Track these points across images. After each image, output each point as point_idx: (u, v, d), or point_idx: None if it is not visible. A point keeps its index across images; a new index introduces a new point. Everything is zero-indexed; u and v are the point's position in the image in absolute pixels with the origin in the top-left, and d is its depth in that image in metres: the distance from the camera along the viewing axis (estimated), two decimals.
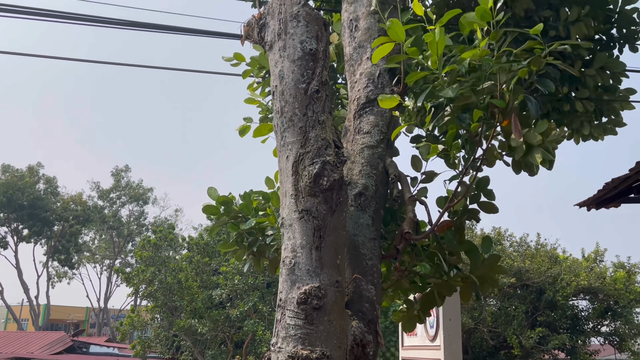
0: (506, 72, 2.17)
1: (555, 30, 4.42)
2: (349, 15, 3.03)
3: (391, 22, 2.17)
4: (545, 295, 14.98)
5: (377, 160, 2.68)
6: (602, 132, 4.66)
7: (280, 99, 2.31)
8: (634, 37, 4.88)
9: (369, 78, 2.83)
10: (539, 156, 2.25)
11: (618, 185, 4.37)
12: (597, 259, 16.58)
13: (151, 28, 5.52)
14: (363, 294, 2.40)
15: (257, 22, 2.51)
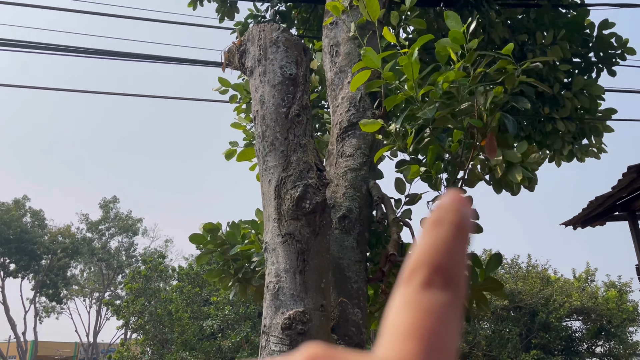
0: (482, 93, 2.21)
1: (532, 53, 4.54)
2: (329, 41, 3.08)
3: (365, 50, 2.21)
4: (538, 317, 14.92)
5: (361, 183, 2.69)
6: (584, 153, 4.73)
7: (261, 123, 2.32)
8: (611, 61, 5.01)
9: (350, 102, 2.86)
10: (519, 174, 2.28)
11: (602, 203, 4.41)
12: (588, 278, 16.60)
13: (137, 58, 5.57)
14: (349, 318, 2.37)
15: (237, 49, 2.55)
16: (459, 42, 2.14)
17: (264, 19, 4.59)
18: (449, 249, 0.22)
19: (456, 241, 0.22)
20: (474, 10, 4.66)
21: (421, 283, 0.21)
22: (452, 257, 0.22)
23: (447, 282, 0.21)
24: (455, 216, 0.23)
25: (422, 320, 0.20)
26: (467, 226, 0.23)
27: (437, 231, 0.22)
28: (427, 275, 0.21)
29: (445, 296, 0.21)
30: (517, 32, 4.78)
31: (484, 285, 2.47)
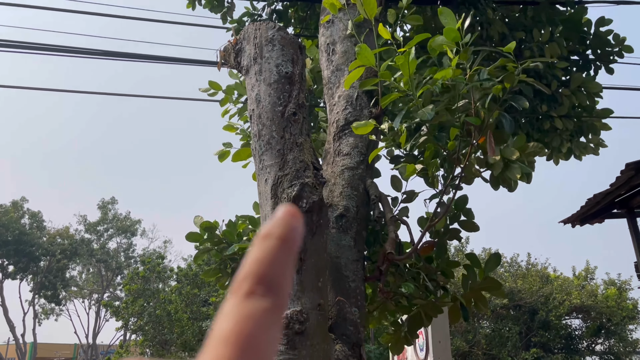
0: (479, 90, 2.20)
1: (530, 50, 4.53)
2: (325, 40, 3.07)
3: (360, 47, 2.20)
4: (538, 316, 14.92)
5: (358, 182, 2.68)
6: (583, 151, 4.72)
7: (257, 122, 2.31)
8: (609, 59, 5.00)
9: (347, 100, 2.85)
10: (518, 172, 2.27)
11: (600, 201, 4.40)
12: (588, 276, 16.61)
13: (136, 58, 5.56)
14: (347, 317, 2.36)
15: (233, 48, 2.53)
16: (453, 39, 2.13)
17: (260, 18, 4.58)
18: (272, 260, 0.23)
19: (281, 253, 0.24)
20: (471, 7, 4.66)
21: (244, 293, 0.22)
22: (275, 268, 0.23)
23: (268, 291, 0.22)
24: (282, 230, 0.24)
25: (239, 327, 0.21)
26: (292, 239, 0.24)
27: (264, 244, 0.24)
28: (250, 286, 0.22)
29: (265, 304, 0.22)
30: (515, 30, 4.77)
31: (482, 285, 2.46)
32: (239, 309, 0.22)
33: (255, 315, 0.21)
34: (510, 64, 2.13)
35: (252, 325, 0.21)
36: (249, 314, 0.21)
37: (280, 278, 0.23)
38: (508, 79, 2.13)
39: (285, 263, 0.24)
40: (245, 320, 0.21)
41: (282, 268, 0.23)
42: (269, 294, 0.22)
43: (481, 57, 2.18)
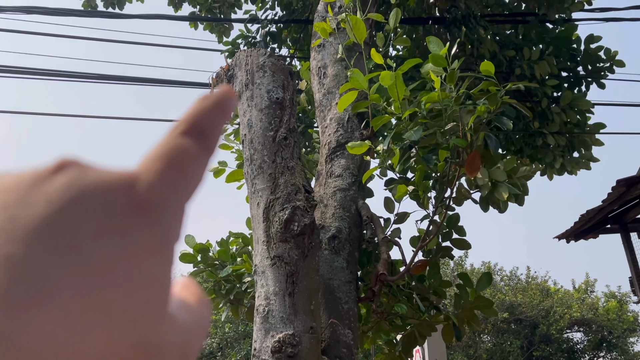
0: (467, 113, 2.24)
1: (520, 68, 4.60)
2: (317, 63, 3.12)
3: (352, 71, 2.25)
4: (539, 329, 14.84)
5: (350, 203, 2.71)
6: (575, 166, 4.77)
7: (249, 147, 2.35)
8: (600, 74, 5.08)
9: (338, 123, 2.89)
10: (505, 193, 2.30)
11: (594, 217, 4.43)
12: (588, 289, 16.55)
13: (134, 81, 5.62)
14: (340, 339, 2.38)
15: (225, 74, 2.58)
16: (441, 64, 2.18)
17: (255, 40, 4.64)
18: (207, 114, 0.26)
19: (214, 111, 0.26)
20: (462, 26, 4.73)
21: (179, 132, 0.24)
22: (208, 120, 0.25)
23: (199, 135, 0.25)
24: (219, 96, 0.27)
25: (170, 151, 0.23)
26: (227, 105, 0.27)
27: (201, 103, 0.26)
28: (184, 128, 0.25)
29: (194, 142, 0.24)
30: (505, 48, 4.84)
31: (474, 304, 2.48)
32: (172, 140, 0.24)
33: (184, 146, 0.23)
34: (492, 87, 2.18)
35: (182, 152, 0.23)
36: (180, 145, 0.23)
37: (212, 128, 0.25)
38: (491, 100, 2.18)
39: (218, 119, 0.26)
40: (176, 147, 0.23)
41: (214, 122, 0.26)
42: (199, 137, 0.24)
43: (468, 81, 2.22)
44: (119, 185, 0.20)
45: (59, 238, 0.18)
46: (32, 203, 0.18)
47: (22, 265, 0.17)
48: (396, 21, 2.73)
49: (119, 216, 0.20)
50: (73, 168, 0.20)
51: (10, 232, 0.17)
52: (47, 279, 0.17)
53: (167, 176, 0.22)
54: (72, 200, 0.19)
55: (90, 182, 0.20)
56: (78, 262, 0.18)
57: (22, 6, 3.90)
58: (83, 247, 0.18)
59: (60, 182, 0.19)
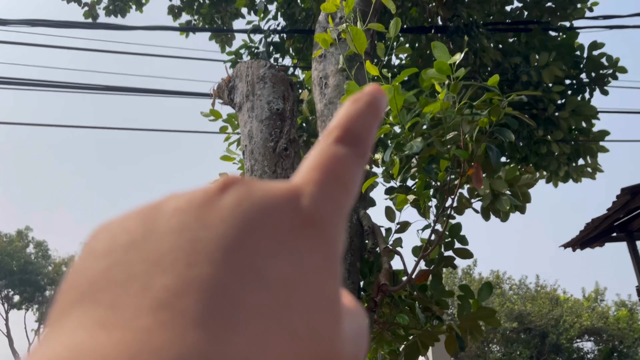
0: (469, 123, 2.24)
1: (527, 75, 4.59)
2: (318, 74, 3.14)
3: (348, 84, 2.25)
4: (549, 339, 14.68)
5: (351, 213, 2.71)
6: (580, 174, 4.74)
7: (250, 157, 2.36)
8: (603, 81, 5.06)
9: None
10: (507, 204, 2.29)
11: (599, 225, 4.39)
12: (598, 298, 16.37)
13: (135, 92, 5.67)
14: None
15: (226, 85, 2.60)
16: (444, 72, 2.17)
17: (257, 50, 4.68)
18: (360, 118, 0.25)
19: (368, 114, 0.26)
20: (465, 35, 4.74)
21: (333, 139, 0.24)
22: (362, 124, 0.25)
23: (354, 142, 0.24)
24: (369, 97, 0.27)
25: (328, 160, 0.23)
26: (379, 105, 0.27)
27: (352, 106, 0.26)
28: (339, 134, 0.24)
29: (351, 150, 0.24)
30: (509, 56, 4.84)
31: (476, 315, 2.46)
32: (327, 149, 0.23)
33: (341, 155, 0.23)
34: (495, 98, 2.18)
35: (339, 161, 0.23)
36: (336, 153, 0.23)
37: (365, 132, 0.25)
38: (493, 112, 2.18)
39: (371, 122, 0.25)
40: (332, 157, 0.23)
41: (367, 125, 0.25)
42: (354, 143, 0.24)
43: (471, 90, 2.22)
44: (285, 201, 0.20)
45: (239, 258, 0.18)
46: (207, 224, 0.19)
47: (210, 287, 0.17)
48: (396, 30, 2.74)
49: (290, 232, 0.20)
50: (238, 186, 0.21)
51: (193, 255, 0.18)
52: (235, 300, 0.17)
53: (329, 188, 0.22)
54: (244, 219, 0.19)
55: (257, 199, 0.20)
56: (260, 282, 0.18)
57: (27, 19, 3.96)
58: (261, 266, 0.18)
59: (229, 201, 0.20)
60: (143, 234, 0.19)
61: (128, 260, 0.18)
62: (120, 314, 0.16)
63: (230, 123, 3.56)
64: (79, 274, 0.18)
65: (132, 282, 0.17)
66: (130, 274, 0.17)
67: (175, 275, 0.17)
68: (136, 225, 0.19)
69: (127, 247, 0.18)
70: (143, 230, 0.19)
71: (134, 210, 0.20)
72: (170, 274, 0.17)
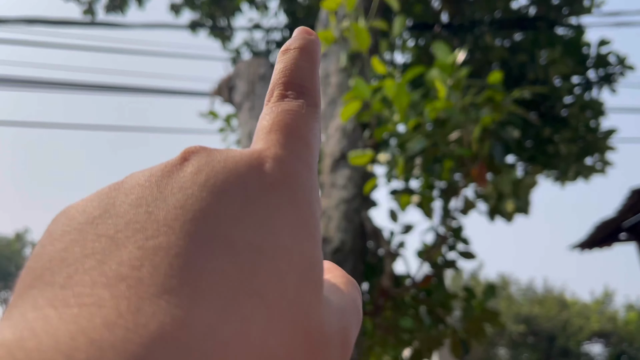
0: (471, 122, 2.18)
1: (534, 72, 4.52)
2: (320, 72, 3.09)
3: (355, 80, 2.21)
4: (557, 342, 14.54)
5: (354, 215, 2.65)
6: (588, 173, 4.66)
7: None
8: (611, 79, 4.98)
9: (342, 133, 2.85)
10: (511, 205, 2.23)
11: (607, 226, 4.32)
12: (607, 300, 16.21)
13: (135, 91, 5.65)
14: None
15: (226, 85, 2.56)
16: (446, 71, 2.12)
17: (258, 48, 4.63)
18: (296, 67, 0.24)
19: (303, 60, 0.24)
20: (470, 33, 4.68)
21: (277, 98, 0.23)
22: (300, 73, 0.24)
23: (299, 93, 0.23)
24: (299, 42, 0.25)
25: (281, 118, 0.22)
26: (311, 48, 0.25)
27: (285, 57, 0.25)
28: (281, 92, 0.23)
29: (300, 102, 0.23)
30: (515, 53, 4.78)
31: (480, 317, 2.40)
32: (275, 108, 0.22)
33: (293, 110, 0.22)
34: (498, 96, 2.12)
35: (292, 117, 0.22)
36: (287, 109, 0.22)
37: (307, 81, 0.24)
38: (496, 110, 2.12)
39: (309, 68, 0.24)
40: (284, 114, 0.22)
41: (307, 72, 0.24)
42: (300, 95, 0.23)
43: (474, 89, 2.17)
44: (247, 165, 0.19)
45: (201, 225, 0.17)
46: (167, 194, 0.18)
47: (170, 256, 0.16)
48: (401, 28, 2.69)
49: (256, 196, 0.19)
50: (198, 154, 0.20)
51: (151, 226, 0.17)
52: (198, 267, 0.16)
53: (289, 146, 0.21)
54: (205, 186, 0.18)
55: (218, 166, 0.19)
56: (225, 248, 0.17)
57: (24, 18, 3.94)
58: (226, 232, 0.17)
59: (189, 170, 0.19)
60: (101, 212, 0.18)
61: (84, 239, 0.17)
62: (73, 291, 0.15)
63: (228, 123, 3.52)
64: (36, 257, 0.17)
65: (88, 259, 0.16)
66: (85, 252, 0.16)
67: (133, 247, 0.16)
68: (94, 205, 0.18)
69: (83, 226, 0.17)
70: (101, 208, 0.18)
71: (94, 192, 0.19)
72: (127, 247, 0.16)
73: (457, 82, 2.17)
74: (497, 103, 2.03)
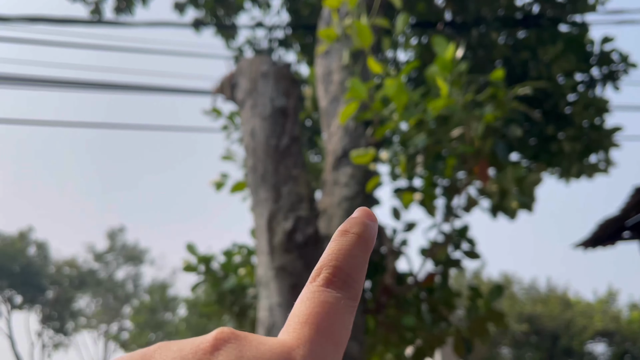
0: (474, 119, 2.17)
1: (536, 69, 4.50)
2: (323, 70, 3.08)
3: (351, 81, 2.20)
4: (560, 342, 14.50)
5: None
6: (592, 171, 4.64)
7: (252, 156, 2.31)
8: (614, 76, 4.96)
9: (344, 131, 2.84)
10: (515, 202, 2.22)
11: (611, 225, 4.30)
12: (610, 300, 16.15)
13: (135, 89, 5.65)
14: (346, 351, 2.31)
15: (229, 82, 2.55)
16: (447, 68, 2.11)
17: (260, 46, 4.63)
18: (349, 255, 0.25)
19: (357, 249, 0.25)
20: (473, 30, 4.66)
21: (322, 282, 0.24)
22: (351, 262, 0.25)
23: (344, 283, 0.24)
24: (359, 228, 0.26)
25: (318, 311, 0.23)
26: (369, 237, 0.26)
27: (342, 239, 0.26)
28: (328, 276, 0.24)
29: (341, 294, 0.24)
30: (518, 50, 4.76)
31: (485, 317, 2.39)
32: (317, 295, 0.23)
33: (331, 303, 0.23)
34: (500, 92, 2.11)
35: (329, 311, 0.23)
36: (326, 301, 0.23)
37: (356, 272, 0.25)
38: (499, 106, 2.11)
39: (361, 258, 0.25)
40: (322, 306, 0.23)
41: (357, 262, 0.25)
42: (345, 285, 0.24)
43: (476, 86, 2.16)
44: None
45: None
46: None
47: None
48: (404, 26, 2.68)
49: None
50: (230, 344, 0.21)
51: None
52: None
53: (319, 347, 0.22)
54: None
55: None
56: None
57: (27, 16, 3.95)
58: None
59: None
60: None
61: None
62: None
63: (232, 120, 3.52)
64: None
65: None
66: None
67: None
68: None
69: None
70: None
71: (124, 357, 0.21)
72: None
73: (457, 78, 2.16)
74: (500, 100, 2.02)
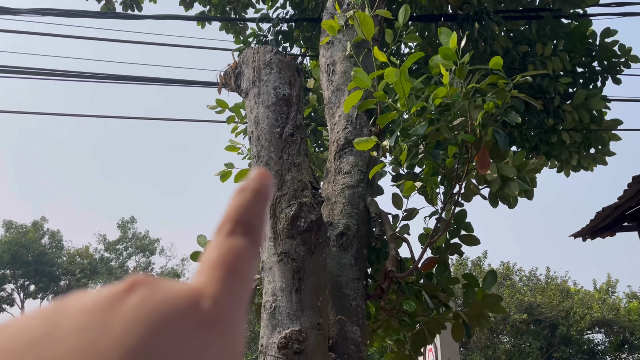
0: (475, 107, 2.22)
1: (533, 64, 4.53)
2: (326, 60, 3.12)
3: (356, 70, 2.24)
4: (559, 330, 14.62)
5: (358, 200, 2.70)
6: (591, 162, 4.69)
7: (256, 144, 2.36)
8: (615, 69, 4.98)
9: (347, 120, 2.89)
10: (516, 188, 2.27)
11: (610, 214, 4.34)
12: (609, 290, 16.25)
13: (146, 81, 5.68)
14: (348, 336, 2.37)
15: (233, 71, 2.59)
16: (450, 58, 2.15)
17: (266, 38, 4.66)
18: (248, 208, 0.27)
19: (255, 202, 0.28)
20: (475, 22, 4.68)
21: (226, 232, 0.26)
22: (251, 214, 0.27)
23: (246, 232, 0.26)
24: (255, 184, 0.29)
25: (225, 256, 0.25)
26: (265, 191, 0.29)
27: (241, 195, 0.28)
28: (231, 227, 0.26)
29: (244, 241, 0.26)
30: (519, 44, 4.78)
31: (483, 302, 2.45)
32: (223, 243, 0.25)
33: (236, 249, 0.25)
34: (500, 81, 2.15)
35: (235, 256, 0.25)
36: (232, 247, 0.25)
37: (256, 222, 0.27)
38: (499, 95, 2.15)
39: (259, 210, 0.28)
40: (229, 252, 0.25)
41: (257, 214, 0.28)
42: (247, 234, 0.26)
43: (478, 75, 2.20)
44: (187, 302, 0.22)
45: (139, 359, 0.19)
46: (109, 325, 0.19)
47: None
48: (405, 17, 2.71)
49: (192, 333, 0.21)
50: (143, 286, 0.22)
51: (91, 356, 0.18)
52: None
53: (229, 285, 0.24)
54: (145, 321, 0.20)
55: (160, 301, 0.21)
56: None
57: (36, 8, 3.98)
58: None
59: (132, 302, 0.21)
60: (44, 334, 0.19)
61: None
62: None
63: (236, 112, 3.56)
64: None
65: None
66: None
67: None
68: (38, 324, 0.19)
69: (26, 347, 0.18)
70: (45, 329, 0.19)
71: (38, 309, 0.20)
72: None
73: (460, 68, 2.20)
74: (501, 88, 2.07)
